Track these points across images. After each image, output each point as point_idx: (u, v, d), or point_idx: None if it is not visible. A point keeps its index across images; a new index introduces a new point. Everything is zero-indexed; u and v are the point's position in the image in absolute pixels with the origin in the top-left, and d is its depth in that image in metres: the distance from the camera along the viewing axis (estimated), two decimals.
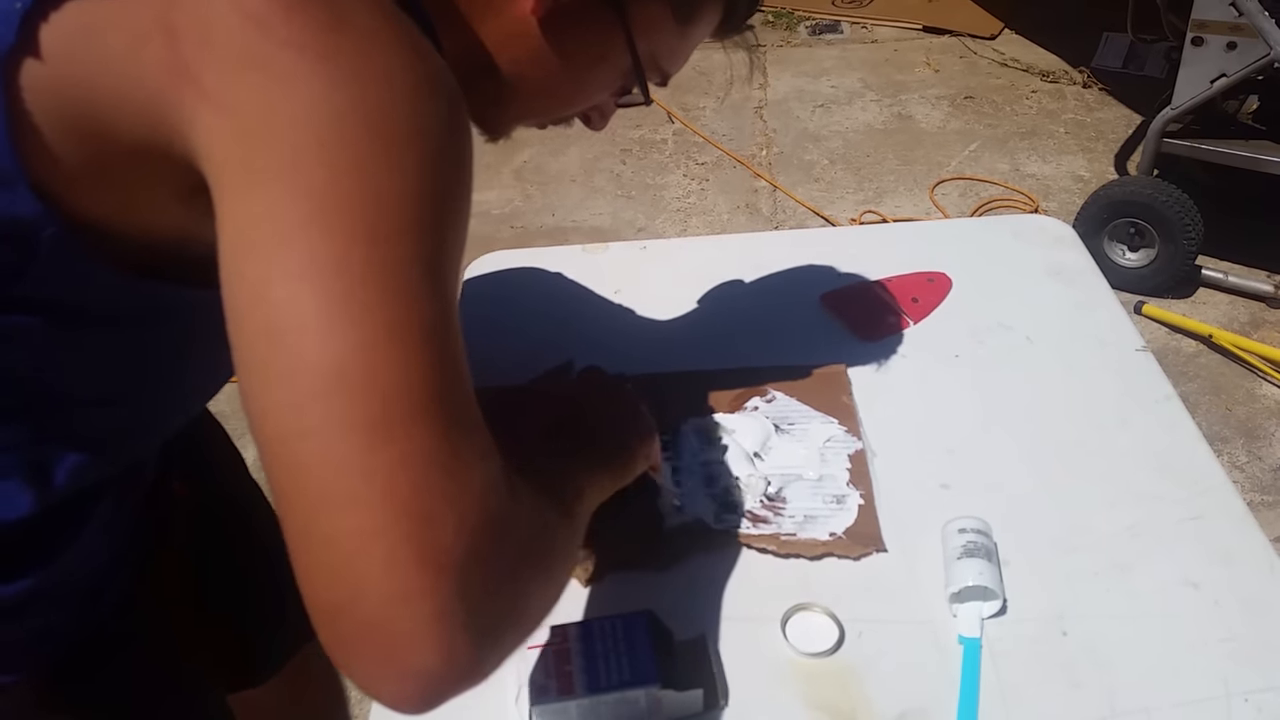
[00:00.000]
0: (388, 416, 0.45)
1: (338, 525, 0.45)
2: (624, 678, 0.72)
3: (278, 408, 0.46)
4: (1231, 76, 2.29)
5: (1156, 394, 1.01)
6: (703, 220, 2.94)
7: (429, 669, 0.45)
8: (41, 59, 0.49)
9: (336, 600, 0.45)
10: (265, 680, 1.08)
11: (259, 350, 0.47)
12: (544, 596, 0.54)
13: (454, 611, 0.45)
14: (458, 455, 0.47)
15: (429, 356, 0.47)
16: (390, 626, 0.44)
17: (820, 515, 0.88)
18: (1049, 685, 0.75)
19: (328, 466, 0.45)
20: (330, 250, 0.46)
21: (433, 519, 0.45)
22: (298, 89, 0.47)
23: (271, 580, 1.07)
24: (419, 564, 0.44)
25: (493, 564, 0.47)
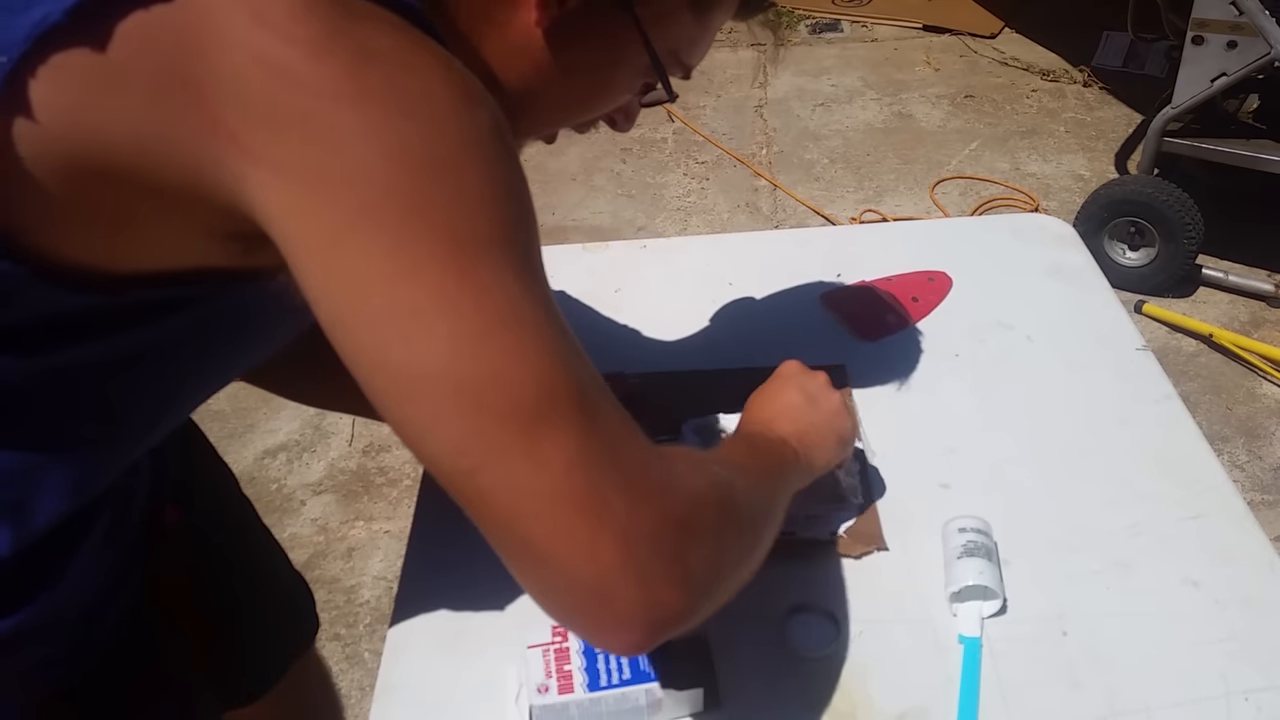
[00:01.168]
0: (537, 434, 0.49)
1: (528, 535, 0.50)
2: (624, 677, 0.72)
3: (440, 455, 0.50)
4: (1232, 75, 2.29)
5: (1157, 393, 1.01)
6: (703, 219, 2.94)
7: (642, 620, 0.52)
8: (35, 115, 0.48)
9: (548, 588, 0.52)
10: (259, 698, 1.07)
11: (400, 411, 0.50)
12: (735, 541, 0.60)
13: (653, 571, 0.51)
14: (607, 444, 0.52)
15: (553, 362, 0.51)
16: (601, 600, 0.51)
17: (821, 515, 0.88)
18: (1049, 685, 0.75)
19: (503, 493, 0.50)
20: (428, 297, 0.48)
21: (605, 510, 0.50)
22: (345, 143, 0.47)
23: (264, 596, 1.08)
24: (608, 548, 0.50)
25: (671, 524, 0.53)
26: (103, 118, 0.49)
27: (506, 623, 0.81)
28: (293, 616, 1.13)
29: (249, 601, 1.03)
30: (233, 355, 0.70)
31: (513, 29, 0.62)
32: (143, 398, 0.66)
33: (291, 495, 2.13)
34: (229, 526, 1.03)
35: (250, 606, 1.03)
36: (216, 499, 1.02)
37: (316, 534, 2.05)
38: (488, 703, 0.76)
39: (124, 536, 0.73)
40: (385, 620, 0.95)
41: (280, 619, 1.11)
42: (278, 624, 1.10)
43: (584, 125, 0.75)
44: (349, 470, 2.19)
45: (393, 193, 0.47)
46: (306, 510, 2.10)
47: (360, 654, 1.82)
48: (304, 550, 2.00)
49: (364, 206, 0.47)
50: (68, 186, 0.50)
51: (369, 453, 2.23)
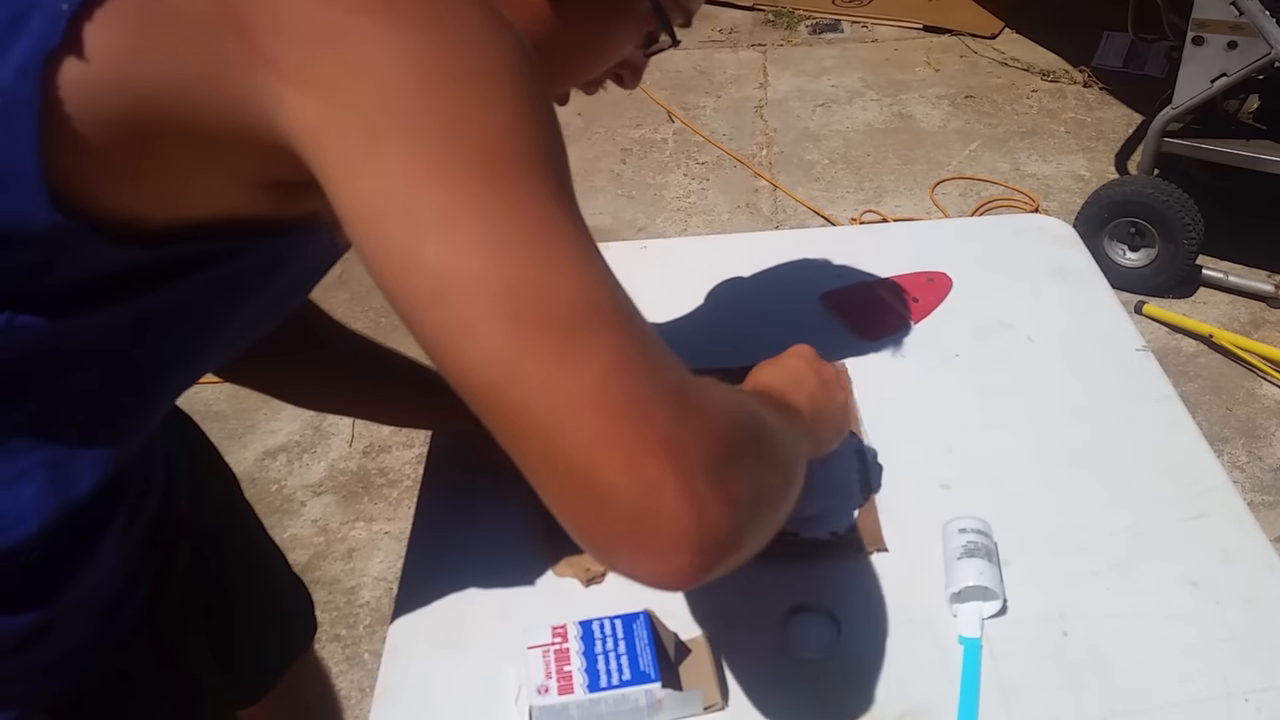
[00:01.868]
0: (574, 337, 0.47)
1: (571, 448, 0.47)
2: (623, 676, 0.72)
3: (471, 365, 0.48)
4: (1232, 76, 2.29)
5: (1157, 394, 1.01)
6: (703, 220, 2.94)
7: (692, 538, 0.48)
8: (90, 60, 0.49)
9: (590, 508, 0.48)
10: (260, 697, 1.07)
11: (431, 315, 0.48)
12: (774, 473, 0.57)
13: (699, 484, 0.48)
14: (648, 352, 0.50)
15: (587, 268, 0.49)
16: (647, 513, 0.47)
17: (822, 516, 0.88)
18: (1049, 685, 0.75)
19: (539, 404, 0.47)
20: (461, 201, 0.47)
21: (650, 416, 0.48)
22: (378, 53, 0.47)
23: (267, 596, 1.08)
24: (653, 453, 0.47)
25: (716, 438, 0.50)
26: (155, 61, 0.49)
27: (506, 623, 0.81)
28: (291, 619, 1.13)
29: (252, 602, 1.03)
30: (259, 311, 0.71)
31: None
32: (172, 354, 0.66)
33: (292, 496, 2.13)
34: (232, 529, 1.03)
35: (252, 607, 1.04)
36: (221, 501, 1.02)
37: (317, 535, 2.05)
38: (488, 703, 0.76)
39: (142, 527, 0.73)
40: (385, 621, 0.95)
41: (279, 621, 1.11)
42: (276, 626, 1.10)
43: (591, 85, 0.74)
44: (349, 471, 2.19)
45: (425, 99, 0.47)
46: (307, 511, 2.10)
47: (360, 655, 1.82)
48: (304, 551, 2.01)
49: (396, 116, 0.47)
50: (120, 135, 0.51)
51: (369, 453, 2.23)
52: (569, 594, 0.84)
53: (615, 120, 3.36)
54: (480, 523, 0.91)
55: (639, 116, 3.41)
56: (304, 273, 0.71)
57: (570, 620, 0.76)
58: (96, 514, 0.67)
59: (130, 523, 0.71)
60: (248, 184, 0.55)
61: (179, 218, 0.57)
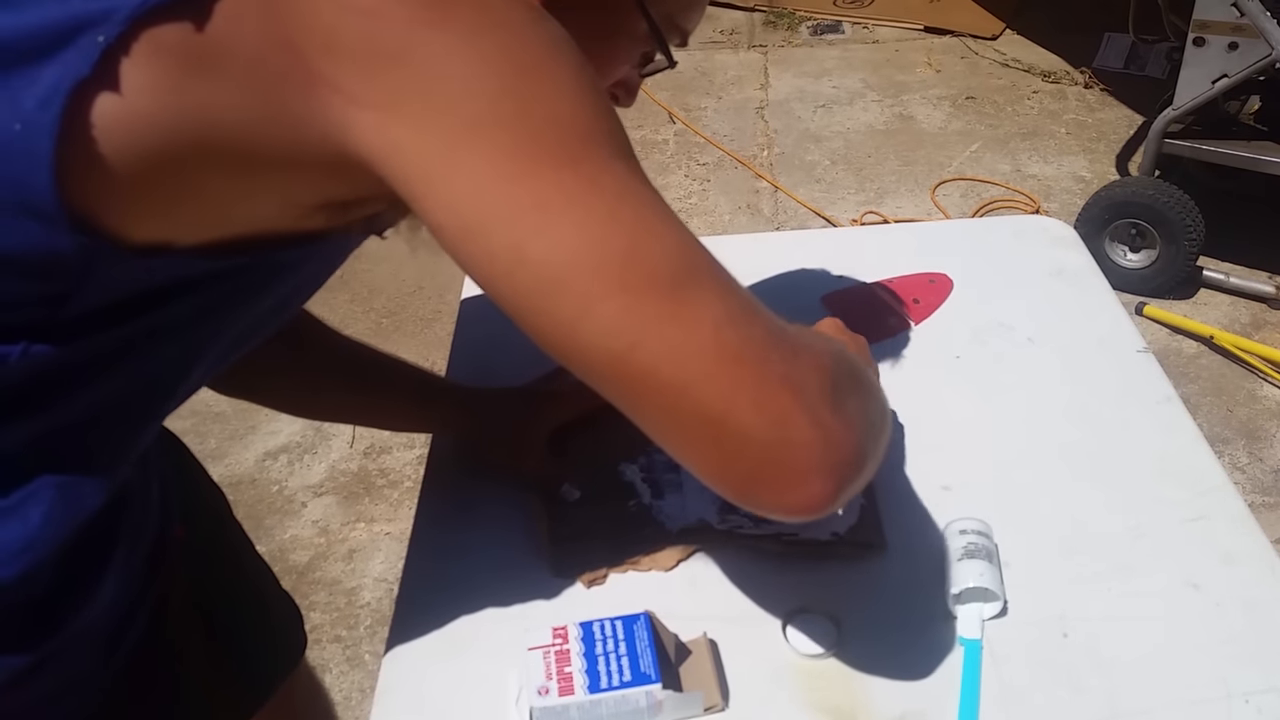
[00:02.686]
0: (683, 298, 0.51)
1: (699, 401, 0.50)
2: (624, 678, 0.72)
3: (594, 342, 0.50)
4: (1233, 77, 2.29)
5: (1157, 395, 1.01)
6: (704, 221, 2.94)
7: (825, 463, 0.52)
8: (124, 94, 0.48)
9: (728, 454, 0.52)
10: (254, 713, 1.07)
11: (544, 305, 0.51)
12: (874, 398, 0.63)
13: (822, 413, 0.52)
14: (746, 302, 0.53)
15: (677, 230, 0.52)
16: (780, 446, 0.51)
17: None
18: (1050, 687, 0.75)
19: (666, 364, 0.50)
20: (550, 191, 0.49)
21: (764, 359, 0.52)
22: (445, 65, 0.49)
23: (260, 615, 1.07)
24: (777, 390, 0.51)
25: (823, 370, 0.55)
26: (203, 96, 0.49)
27: (507, 624, 0.81)
28: (283, 634, 1.12)
29: (245, 620, 1.03)
30: (265, 316, 0.70)
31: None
32: (178, 362, 0.66)
33: (293, 497, 2.13)
34: (226, 547, 1.02)
35: (247, 626, 1.03)
36: (214, 520, 1.01)
37: (317, 536, 2.05)
38: (488, 705, 0.76)
39: (143, 553, 0.73)
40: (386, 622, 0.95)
41: (274, 637, 1.10)
42: (272, 642, 1.09)
43: None
44: (350, 472, 2.19)
45: (495, 102, 0.49)
46: (307, 512, 2.10)
47: (361, 656, 1.82)
48: (305, 552, 2.01)
49: (471, 121, 0.49)
50: (160, 166, 0.51)
51: (370, 454, 2.23)
52: (569, 595, 0.84)
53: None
54: (481, 524, 0.91)
55: (640, 117, 3.41)
56: (312, 276, 0.71)
57: (571, 621, 0.76)
58: (100, 541, 0.66)
59: (132, 550, 0.70)
60: (301, 206, 0.56)
61: (212, 239, 0.57)
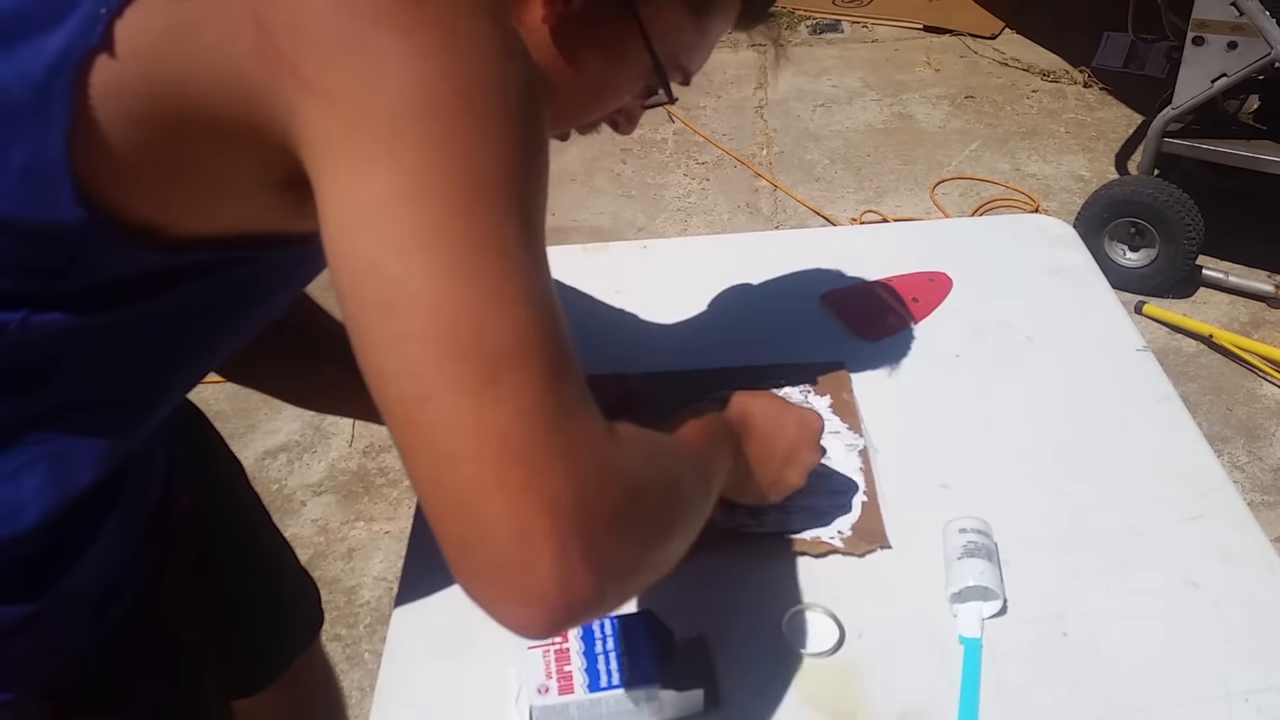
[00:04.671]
0: (497, 376, 0.49)
1: (459, 478, 0.48)
2: (624, 678, 0.72)
3: (395, 374, 0.49)
4: (1232, 76, 2.29)
5: (1157, 394, 1.01)
6: (703, 220, 2.94)
7: (551, 598, 0.49)
8: (122, 59, 0.50)
9: (465, 539, 0.49)
10: (263, 688, 1.08)
11: (374, 320, 0.50)
12: (661, 541, 0.58)
13: (572, 549, 0.49)
14: (563, 407, 0.50)
15: (532, 313, 0.50)
16: (514, 564, 0.48)
17: (825, 514, 0.88)
18: (1049, 685, 0.75)
19: (445, 427, 0.48)
20: (432, 222, 0.48)
21: (544, 469, 0.49)
22: (391, 68, 0.49)
23: (271, 588, 1.08)
24: (535, 510, 0.48)
25: (604, 506, 0.51)
26: (182, 60, 0.51)
27: None
28: (298, 611, 1.14)
29: (255, 594, 1.04)
30: (260, 313, 0.72)
31: (521, 25, 0.63)
32: (180, 352, 0.68)
33: (292, 496, 2.13)
34: (237, 518, 1.04)
35: (256, 599, 1.04)
36: (227, 491, 1.02)
37: (317, 534, 2.05)
38: (488, 703, 0.76)
39: (141, 518, 0.74)
40: (385, 621, 0.95)
41: (286, 612, 1.11)
42: (283, 617, 1.11)
43: (587, 126, 0.76)
44: (349, 471, 2.19)
45: (426, 120, 0.49)
46: (307, 511, 2.10)
47: (360, 654, 1.82)
48: (304, 551, 2.01)
49: (397, 129, 0.49)
50: (148, 134, 0.52)
51: (369, 453, 2.23)
52: None
53: None
54: None
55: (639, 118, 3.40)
56: (307, 272, 0.71)
57: None
58: (96, 506, 0.68)
59: (129, 514, 0.72)
60: (272, 185, 0.56)
61: (203, 230, 0.58)
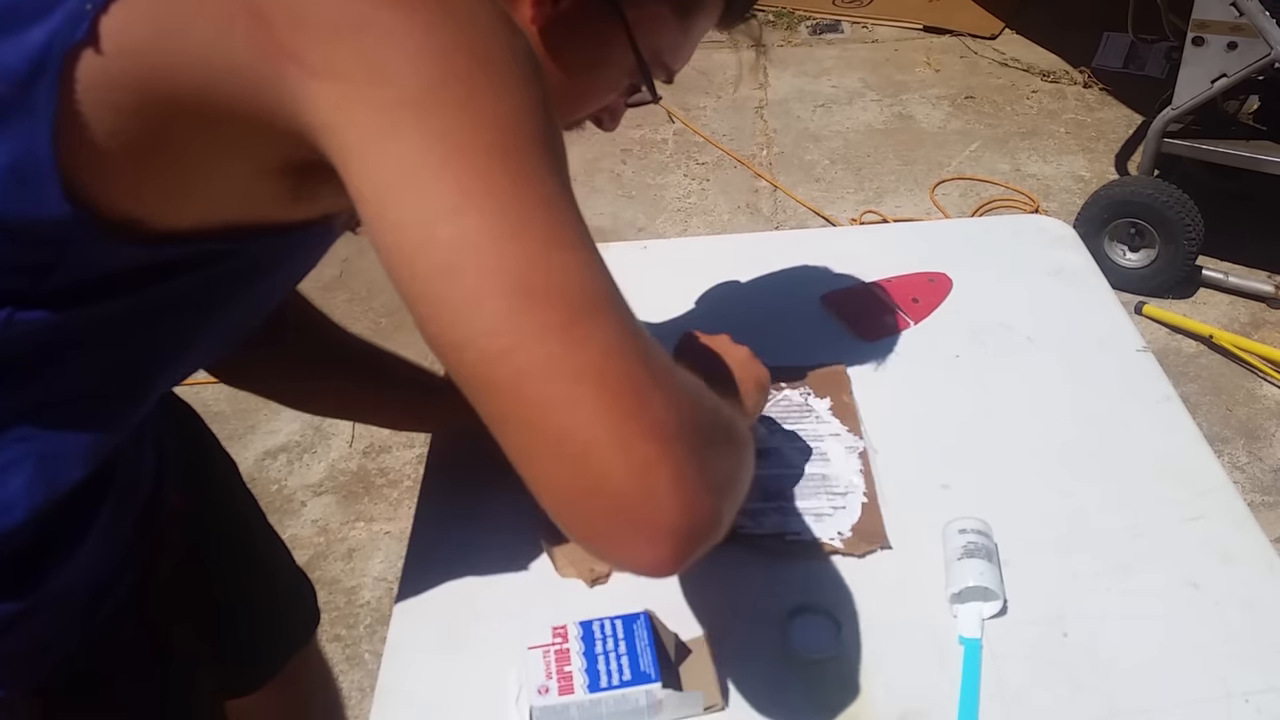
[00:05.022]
0: (576, 316, 0.48)
1: (566, 424, 0.48)
2: (624, 678, 0.72)
3: (473, 337, 0.48)
4: (1232, 76, 2.29)
5: (1157, 394, 1.01)
6: (703, 220, 2.94)
7: (679, 525, 0.49)
8: (109, 55, 0.50)
9: (582, 488, 0.48)
10: (259, 687, 1.08)
11: (439, 288, 0.49)
12: (742, 461, 0.60)
13: (687, 471, 0.49)
14: (640, 339, 0.51)
15: (588, 255, 0.51)
16: (639, 496, 0.48)
17: (825, 513, 0.88)
18: (1049, 686, 0.75)
19: (539, 376, 0.48)
20: (476, 181, 0.48)
21: (646, 396, 0.49)
22: (397, 42, 0.49)
23: (266, 587, 1.08)
24: (647, 437, 0.48)
25: (703, 430, 0.52)
26: (172, 53, 0.51)
27: (506, 624, 0.81)
28: (294, 610, 1.14)
29: (250, 593, 1.04)
30: (250, 305, 0.72)
31: None
32: (163, 347, 0.68)
33: (292, 496, 2.13)
34: (232, 518, 1.04)
35: (250, 597, 1.04)
36: (221, 491, 1.02)
37: (317, 535, 2.05)
38: (488, 704, 0.76)
39: (130, 517, 0.74)
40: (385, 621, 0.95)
41: (281, 611, 1.11)
42: (278, 616, 1.11)
43: (571, 124, 0.77)
44: (349, 471, 2.19)
45: (440, 86, 0.49)
46: (307, 511, 2.10)
47: (360, 655, 1.82)
48: (304, 551, 2.00)
49: (411, 99, 0.49)
50: (134, 127, 0.52)
51: (369, 454, 2.23)
52: (569, 594, 0.84)
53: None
54: (480, 522, 0.91)
55: (639, 117, 3.40)
56: (296, 267, 0.72)
57: (571, 620, 0.76)
58: (85, 502, 0.68)
59: (118, 511, 0.72)
60: (269, 171, 0.56)
61: (188, 222, 0.58)
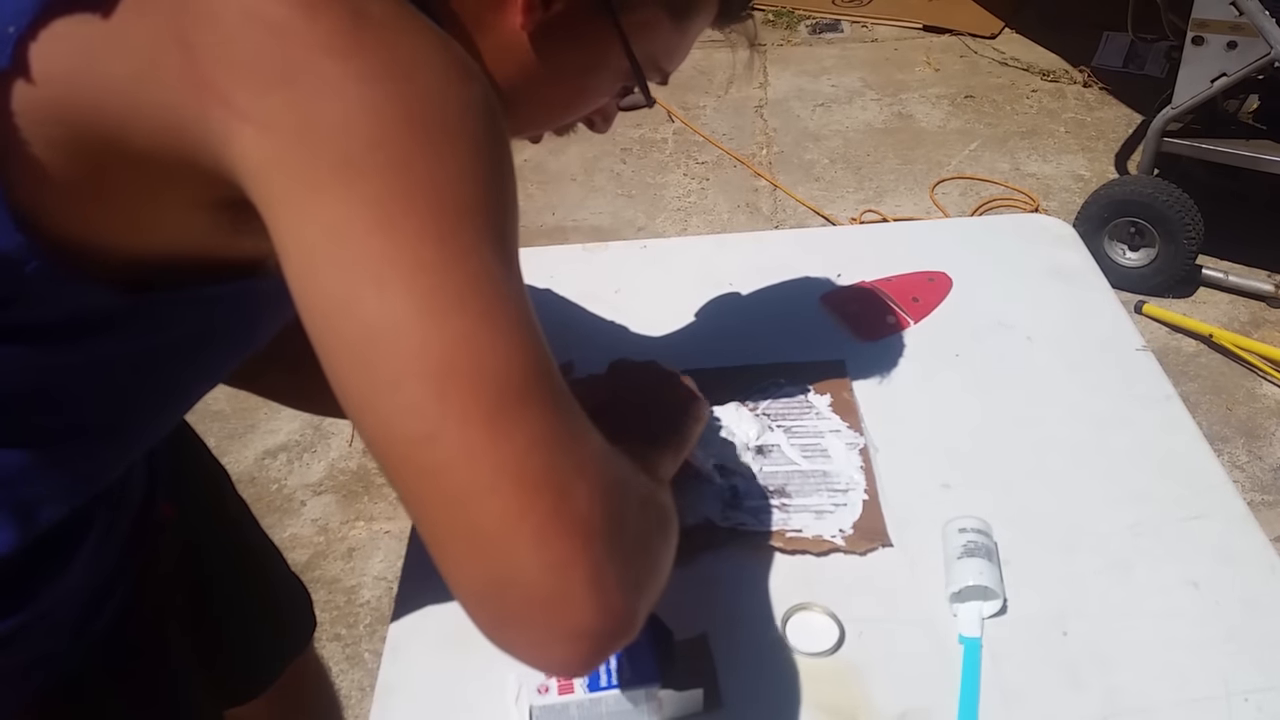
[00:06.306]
0: (504, 403, 0.46)
1: (482, 515, 0.46)
2: (624, 678, 0.72)
3: (394, 414, 0.46)
4: (1232, 76, 2.29)
5: (1157, 394, 1.01)
6: (703, 219, 2.94)
7: (593, 627, 0.47)
8: (36, 83, 0.48)
9: (494, 581, 0.47)
10: (255, 697, 1.07)
11: (359, 362, 0.47)
12: (667, 551, 0.58)
13: (605, 572, 0.47)
14: (571, 428, 0.49)
15: (523, 336, 0.48)
16: (552, 595, 0.46)
17: (826, 512, 0.88)
18: (1049, 685, 0.75)
19: (460, 464, 0.46)
20: (404, 252, 0.46)
21: (568, 492, 0.47)
22: (333, 96, 0.46)
23: (261, 594, 1.08)
24: (566, 535, 0.46)
25: (627, 523, 0.50)
26: (99, 82, 0.49)
27: None
28: (289, 616, 1.13)
29: (244, 600, 1.03)
30: (232, 350, 0.71)
31: (499, 31, 0.62)
32: (145, 394, 0.66)
33: (292, 495, 2.13)
34: (223, 525, 1.03)
35: (246, 605, 1.03)
36: (210, 498, 1.02)
37: (317, 534, 2.05)
38: (488, 703, 0.76)
39: (120, 534, 0.73)
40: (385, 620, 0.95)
41: (276, 618, 1.11)
42: (274, 623, 1.10)
43: (564, 127, 0.76)
44: (349, 470, 2.19)
45: (378, 147, 0.46)
46: (307, 510, 2.10)
47: (360, 654, 1.82)
48: (304, 550, 2.00)
49: (347, 158, 0.46)
50: (71, 157, 0.50)
51: (369, 453, 2.22)
52: None
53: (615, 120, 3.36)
54: None
55: (639, 116, 3.40)
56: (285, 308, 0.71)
57: None
58: (70, 531, 0.66)
59: (107, 532, 0.71)
60: (204, 205, 0.54)
61: (149, 252, 0.56)
